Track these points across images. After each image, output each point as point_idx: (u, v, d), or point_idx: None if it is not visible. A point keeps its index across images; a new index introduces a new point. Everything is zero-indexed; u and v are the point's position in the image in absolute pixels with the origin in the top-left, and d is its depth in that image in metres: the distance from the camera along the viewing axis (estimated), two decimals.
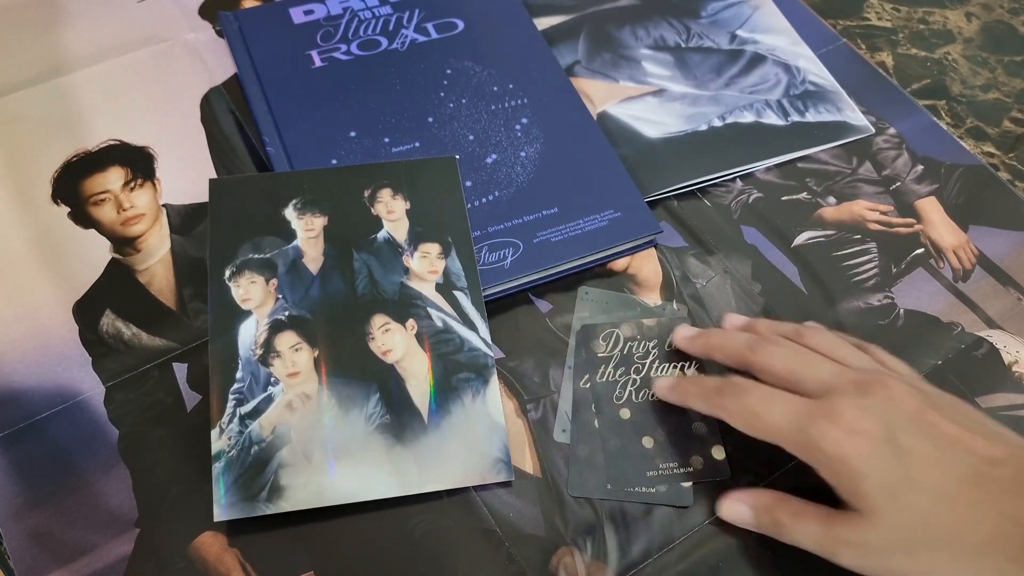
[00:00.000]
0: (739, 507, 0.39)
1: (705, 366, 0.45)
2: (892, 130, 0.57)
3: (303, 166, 0.49)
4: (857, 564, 0.34)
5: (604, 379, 0.44)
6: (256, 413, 0.40)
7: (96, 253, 0.47)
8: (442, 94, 0.54)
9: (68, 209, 0.49)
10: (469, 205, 0.48)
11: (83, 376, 0.43)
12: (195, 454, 0.40)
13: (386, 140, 0.51)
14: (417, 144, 0.51)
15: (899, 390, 0.35)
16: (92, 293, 0.46)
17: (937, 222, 0.52)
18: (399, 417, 0.41)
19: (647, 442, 0.42)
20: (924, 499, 0.32)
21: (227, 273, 0.44)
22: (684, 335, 0.43)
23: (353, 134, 0.51)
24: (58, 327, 0.45)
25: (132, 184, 0.50)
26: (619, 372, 0.44)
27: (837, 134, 0.56)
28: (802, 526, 0.35)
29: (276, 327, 0.42)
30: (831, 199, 0.53)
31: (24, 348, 0.44)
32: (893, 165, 0.55)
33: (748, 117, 0.56)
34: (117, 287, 0.46)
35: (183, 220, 0.49)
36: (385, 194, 0.47)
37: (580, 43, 0.59)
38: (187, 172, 0.51)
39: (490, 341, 0.43)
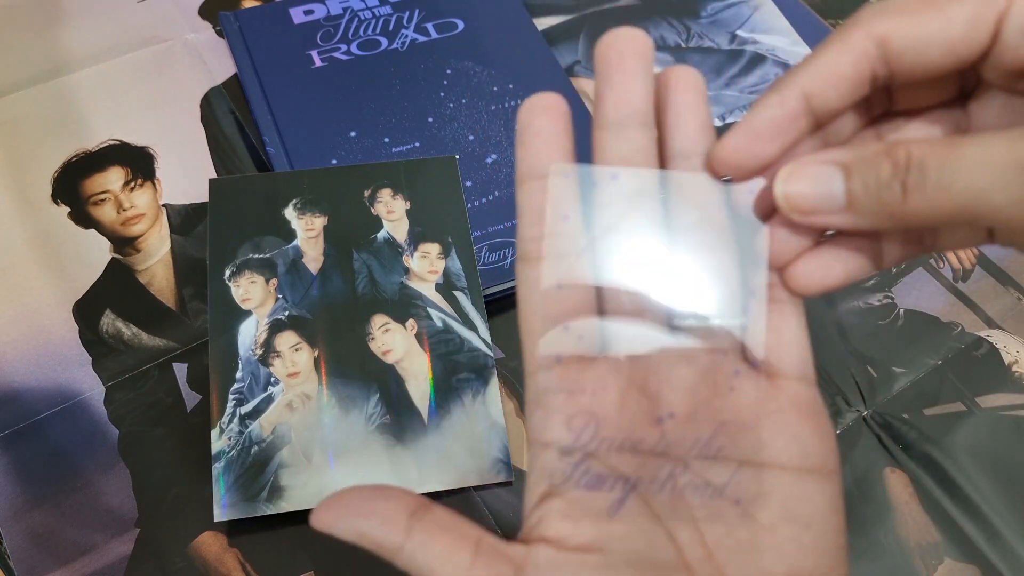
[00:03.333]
0: None
1: None
2: None
3: (303, 166, 0.49)
4: None
5: None
6: (256, 413, 0.40)
7: (96, 253, 0.47)
8: (442, 94, 0.54)
9: (68, 209, 0.49)
10: (469, 205, 0.48)
11: (83, 376, 0.43)
12: (195, 454, 0.40)
13: (386, 140, 0.51)
14: (417, 144, 0.51)
15: None
16: (92, 293, 0.46)
17: None
18: (399, 417, 0.41)
19: None
20: None
21: (227, 273, 0.44)
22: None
23: (353, 134, 0.51)
24: (58, 327, 0.45)
25: (132, 184, 0.50)
26: None
27: None
28: None
29: (276, 327, 0.42)
30: None
31: (24, 348, 0.44)
32: None
33: None
34: (117, 287, 0.46)
35: (183, 220, 0.49)
36: (385, 194, 0.47)
37: (580, 43, 0.59)
38: (187, 172, 0.51)
39: (490, 341, 0.43)
